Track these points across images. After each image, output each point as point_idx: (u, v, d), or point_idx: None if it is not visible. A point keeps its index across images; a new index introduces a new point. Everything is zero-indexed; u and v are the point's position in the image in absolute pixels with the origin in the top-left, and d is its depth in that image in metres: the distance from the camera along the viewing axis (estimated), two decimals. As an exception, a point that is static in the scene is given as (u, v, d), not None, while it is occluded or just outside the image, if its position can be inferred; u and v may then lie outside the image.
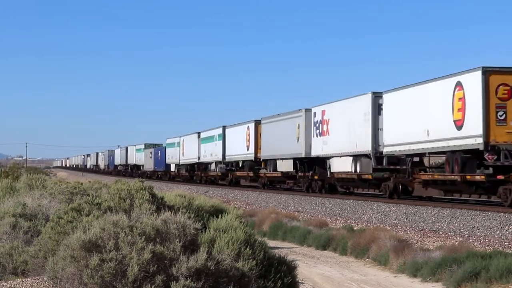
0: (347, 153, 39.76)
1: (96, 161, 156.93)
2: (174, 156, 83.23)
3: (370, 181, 37.75)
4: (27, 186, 23.75)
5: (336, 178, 42.04)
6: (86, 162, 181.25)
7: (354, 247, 21.93)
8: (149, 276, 9.58)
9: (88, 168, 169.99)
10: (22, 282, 11.36)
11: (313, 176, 44.93)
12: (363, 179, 38.33)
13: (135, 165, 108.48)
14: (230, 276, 9.86)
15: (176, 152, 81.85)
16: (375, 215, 30.29)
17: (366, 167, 37.83)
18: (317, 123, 44.71)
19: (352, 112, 39.49)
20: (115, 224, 10.05)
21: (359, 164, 38.32)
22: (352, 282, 17.46)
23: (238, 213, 15.54)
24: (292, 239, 25.91)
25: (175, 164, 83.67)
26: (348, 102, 40.64)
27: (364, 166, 37.93)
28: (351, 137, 39.28)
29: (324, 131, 43.26)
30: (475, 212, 26.62)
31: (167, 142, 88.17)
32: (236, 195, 48.86)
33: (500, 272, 15.37)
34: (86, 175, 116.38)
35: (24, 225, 14.81)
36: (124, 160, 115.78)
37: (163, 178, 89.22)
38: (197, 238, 10.25)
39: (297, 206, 37.49)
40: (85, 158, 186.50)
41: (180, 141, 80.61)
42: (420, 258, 18.07)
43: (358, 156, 38.54)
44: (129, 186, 12.54)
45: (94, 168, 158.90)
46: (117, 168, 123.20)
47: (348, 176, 40.04)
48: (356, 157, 38.82)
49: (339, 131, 41.04)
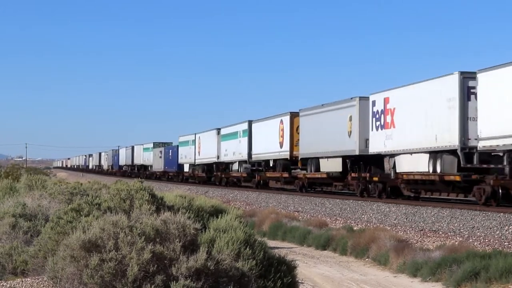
0: (422, 149, 32.81)
1: (98, 161, 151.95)
2: (188, 155, 75.73)
3: (457, 183, 30.69)
4: (27, 186, 23.77)
5: (404, 180, 34.99)
6: (88, 162, 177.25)
7: (354, 247, 21.94)
8: (149, 276, 9.59)
9: (90, 169, 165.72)
10: (22, 282, 11.36)
11: (372, 177, 37.60)
12: (447, 181, 31.13)
13: (142, 165, 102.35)
14: (230, 276, 9.86)
15: (191, 151, 74.34)
16: (375, 215, 30.29)
17: (449, 166, 30.85)
18: (377, 113, 37.47)
19: (429, 99, 32.33)
20: (114, 224, 10.06)
21: (440, 162, 31.41)
22: (352, 282, 17.46)
23: (238, 213, 15.55)
24: (292, 239, 25.92)
25: (189, 164, 76.50)
26: (424, 86, 33.24)
27: (447, 165, 30.95)
28: (427, 129, 32.28)
29: (388, 123, 36.08)
30: (475, 212, 26.61)
31: (180, 140, 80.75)
32: (236, 195, 48.85)
33: (500, 272, 15.37)
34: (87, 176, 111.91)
35: (24, 225, 14.83)
36: (130, 160, 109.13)
37: (174, 179, 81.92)
38: (197, 238, 10.25)
39: (297, 206, 37.48)
40: (87, 158, 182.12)
41: (195, 138, 73.08)
42: (420, 258, 18.08)
43: (438, 152, 31.70)
44: (129, 187, 12.55)
45: (96, 168, 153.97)
46: (122, 169, 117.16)
47: (424, 177, 33.01)
48: (434, 153, 32.02)
49: (409, 123, 34.15)
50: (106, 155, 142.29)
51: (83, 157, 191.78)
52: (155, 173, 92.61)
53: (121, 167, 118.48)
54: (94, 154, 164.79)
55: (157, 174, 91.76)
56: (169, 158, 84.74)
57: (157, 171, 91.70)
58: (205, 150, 69.59)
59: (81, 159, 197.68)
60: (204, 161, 69.97)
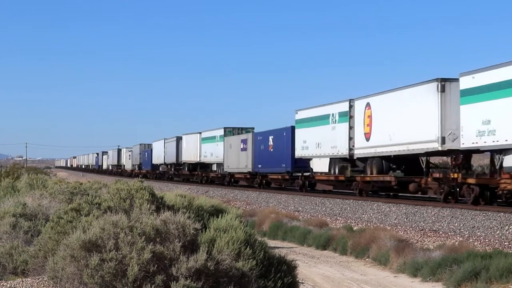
0: None
1: (117, 160, 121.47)
2: None
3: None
4: (27, 186, 23.79)
5: None
6: (100, 161, 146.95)
7: (354, 247, 21.94)
8: (149, 276, 9.58)
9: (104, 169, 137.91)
10: (22, 282, 11.35)
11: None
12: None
13: (200, 163, 70.43)
14: (230, 276, 9.86)
15: None
16: (375, 215, 30.28)
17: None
18: None
19: None
20: (114, 224, 10.05)
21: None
22: (352, 281, 17.46)
23: (238, 213, 15.54)
24: (292, 239, 25.92)
25: None
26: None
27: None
28: None
29: None
30: (475, 212, 26.59)
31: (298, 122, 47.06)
32: (236, 195, 48.83)
33: (500, 272, 15.37)
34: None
35: (24, 225, 14.83)
36: (174, 157, 77.99)
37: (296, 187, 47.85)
38: (197, 238, 10.25)
39: (297, 206, 37.46)
40: (98, 156, 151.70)
41: None
42: (420, 258, 18.08)
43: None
44: (129, 186, 12.53)
45: (114, 169, 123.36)
46: (158, 169, 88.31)
47: None
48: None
49: None
50: (129, 152, 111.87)
51: (94, 156, 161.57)
52: (232, 177, 60.99)
53: (156, 166, 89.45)
54: (111, 152, 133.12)
55: (234, 178, 61.27)
56: (266, 150, 52.70)
57: (237, 172, 59.62)
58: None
59: (91, 158, 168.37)
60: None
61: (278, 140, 50.48)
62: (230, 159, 60.51)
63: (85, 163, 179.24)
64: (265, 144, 52.91)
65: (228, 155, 61.12)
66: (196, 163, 72.04)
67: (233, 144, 60.08)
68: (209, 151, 67.72)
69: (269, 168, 52.07)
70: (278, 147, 50.37)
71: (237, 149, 58.67)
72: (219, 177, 65.45)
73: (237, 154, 58.45)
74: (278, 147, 50.44)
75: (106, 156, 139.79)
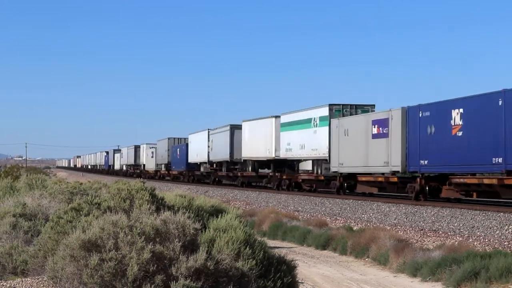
0: None
1: (134, 159, 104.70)
2: None
3: None
4: (27, 186, 23.79)
5: None
6: (110, 160, 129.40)
7: (354, 246, 21.94)
8: (149, 276, 9.58)
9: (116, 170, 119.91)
10: (22, 282, 11.35)
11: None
12: None
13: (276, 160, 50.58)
14: (230, 276, 9.86)
15: None
16: (375, 214, 30.29)
17: None
18: None
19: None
20: (114, 224, 10.05)
21: None
22: (352, 281, 17.46)
23: (237, 213, 15.55)
24: (292, 238, 25.92)
25: None
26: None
27: None
28: None
29: None
30: (475, 212, 26.61)
31: None
32: (236, 195, 48.83)
33: (500, 272, 15.37)
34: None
35: (24, 225, 14.83)
36: (228, 153, 59.39)
37: None
38: (196, 238, 10.25)
39: (297, 206, 37.46)
40: (108, 155, 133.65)
41: None
42: (420, 258, 18.08)
43: None
44: (129, 186, 12.54)
45: (130, 169, 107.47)
46: (199, 169, 69.43)
47: None
48: None
49: None
50: (151, 149, 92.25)
51: (103, 154, 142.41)
52: (351, 179, 40.47)
53: (191, 166, 72.06)
54: (124, 150, 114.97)
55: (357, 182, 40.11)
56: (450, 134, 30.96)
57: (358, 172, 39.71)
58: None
59: (99, 156, 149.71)
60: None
61: (477, 116, 28.56)
62: (347, 152, 40.22)
63: (92, 163, 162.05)
64: (441, 123, 30.91)
65: (341, 146, 40.89)
66: (269, 160, 51.95)
67: (352, 128, 39.97)
68: (296, 141, 47.00)
69: (460, 166, 30.00)
70: (481, 125, 28.18)
71: (363, 135, 38.37)
72: (320, 181, 44.27)
73: (363, 144, 38.24)
74: (479, 126, 28.29)
75: (118, 154, 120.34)
